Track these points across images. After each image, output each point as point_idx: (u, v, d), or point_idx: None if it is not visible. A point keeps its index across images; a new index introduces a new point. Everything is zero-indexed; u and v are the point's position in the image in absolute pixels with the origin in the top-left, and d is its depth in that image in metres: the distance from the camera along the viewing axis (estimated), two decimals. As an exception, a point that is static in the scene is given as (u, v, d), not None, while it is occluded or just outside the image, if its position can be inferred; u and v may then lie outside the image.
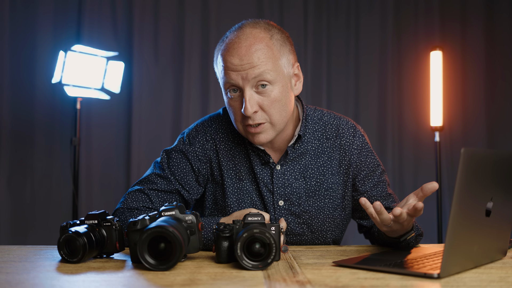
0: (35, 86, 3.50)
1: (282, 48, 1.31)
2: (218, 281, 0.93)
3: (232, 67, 1.27)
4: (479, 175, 0.97)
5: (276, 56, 1.29)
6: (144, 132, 3.61)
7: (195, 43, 3.69)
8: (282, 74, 1.30)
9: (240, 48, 1.26)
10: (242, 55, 1.26)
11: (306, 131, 1.42)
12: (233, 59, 1.26)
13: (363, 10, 3.88)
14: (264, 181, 1.40)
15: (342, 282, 0.92)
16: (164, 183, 1.41)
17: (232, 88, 1.29)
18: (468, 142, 3.86)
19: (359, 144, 1.44)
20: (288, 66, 1.33)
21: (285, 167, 1.41)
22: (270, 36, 1.29)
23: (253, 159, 1.41)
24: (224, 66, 1.29)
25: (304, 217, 1.42)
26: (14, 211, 3.47)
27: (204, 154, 1.43)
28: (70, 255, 1.07)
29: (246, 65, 1.25)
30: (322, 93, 3.81)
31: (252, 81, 1.26)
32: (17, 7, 3.49)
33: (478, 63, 3.90)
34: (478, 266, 1.05)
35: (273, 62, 1.27)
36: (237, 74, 1.26)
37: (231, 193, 1.41)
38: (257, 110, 1.28)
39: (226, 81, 1.29)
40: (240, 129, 1.34)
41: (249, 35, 1.28)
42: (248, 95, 1.26)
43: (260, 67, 1.25)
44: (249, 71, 1.25)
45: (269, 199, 1.40)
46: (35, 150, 3.51)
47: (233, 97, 1.30)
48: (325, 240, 1.45)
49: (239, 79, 1.26)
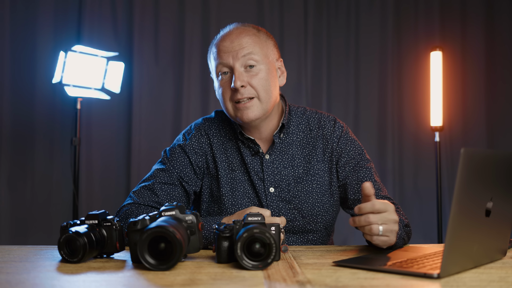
0: (35, 86, 3.50)
1: (267, 41, 1.50)
2: (218, 281, 0.93)
3: (224, 49, 1.45)
4: (479, 175, 0.97)
5: (262, 44, 1.47)
6: (144, 132, 3.62)
7: (195, 43, 3.69)
8: (268, 59, 1.47)
9: (231, 34, 1.47)
10: (233, 39, 1.45)
11: (290, 122, 1.55)
12: (225, 42, 1.46)
13: (363, 10, 3.88)
14: (255, 170, 1.51)
15: (342, 282, 0.92)
16: (166, 175, 1.51)
17: (224, 71, 1.45)
18: (468, 142, 3.86)
19: (338, 134, 1.55)
20: (273, 57, 1.50)
21: (273, 156, 1.52)
22: (256, 30, 1.50)
23: (244, 151, 1.52)
24: (217, 51, 1.47)
25: (294, 202, 1.50)
26: (14, 211, 3.47)
27: (200, 147, 1.55)
28: (71, 255, 1.07)
29: (236, 46, 1.44)
30: (322, 93, 3.81)
31: (242, 60, 1.43)
32: (17, 7, 3.49)
33: (478, 63, 3.90)
34: (478, 266, 1.05)
35: (259, 47, 1.45)
36: (228, 54, 1.44)
37: (225, 183, 1.51)
38: (246, 85, 1.42)
39: (218, 63, 1.46)
40: (229, 109, 1.46)
41: (239, 27, 1.49)
42: (238, 71, 1.42)
43: (248, 49, 1.44)
44: (238, 51, 1.43)
45: (260, 186, 1.50)
46: (35, 150, 3.51)
47: (224, 78, 1.46)
48: (316, 226, 1.51)
49: (230, 59, 1.43)
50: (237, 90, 1.42)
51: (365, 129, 3.82)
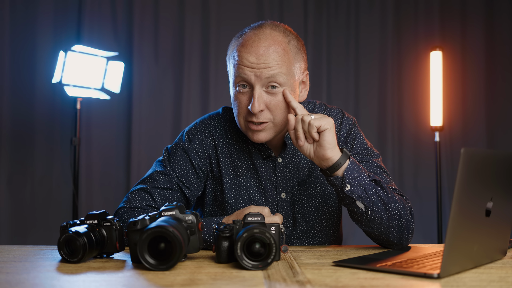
0: (35, 86, 3.50)
1: (297, 55, 1.34)
2: (218, 281, 0.93)
3: (247, 64, 1.29)
4: (479, 175, 0.97)
5: (291, 61, 1.32)
6: (144, 132, 3.62)
7: (195, 43, 3.69)
8: (293, 79, 1.33)
9: (259, 47, 1.29)
10: (259, 54, 1.28)
11: None
12: (250, 56, 1.29)
13: (363, 10, 3.88)
14: (267, 175, 1.44)
15: (342, 282, 0.92)
16: (165, 180, 1.43)
17: (242, 84, 1.32)
18: (468, 142, 3.86)
19: (345, 131, 1.47)
20: (300, 73, 1.36)
21: (286, 159, 1.45)
22: (288, 41, 1.33)
23: (254, 155, 1.44)
24: (238, 61, 1.31)
25: (297, 206, 1.45)
26: (14, 211, 3.47)
27: (204, 150, 1.46)
28: (70, 255, 1.07)
29: (262, 65, 1.28)
30: (322, 93, 3.81)
31: (264, 81, 1.29)
32: (17, 7, 3.49)
33: (478, 63, 3.90)
34: (478, 266, 1.05)
35: (287, 66, 1.31)
36: (251, 71, 1.29)
37: (228, 189, 1.44)
38: (264, 109, 1.30)
39: (238, 76, 1.31)
40: (241, 124, 1.36)
41: (269, 36, 1.31)
42: (258, 93, 1.29)
43: (274, 69, 1.28)
44: (263, 71, 1.28)
45: (272, 192, 1.44)
46: (35, 150, 3.51)
47: (242, 92, 1.33)
48: (321, 230, 1.47)
49: (252, 77, 1.29)
50: (253, 113, 1.30)
51: (365, 129, 3.81)
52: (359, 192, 1.23)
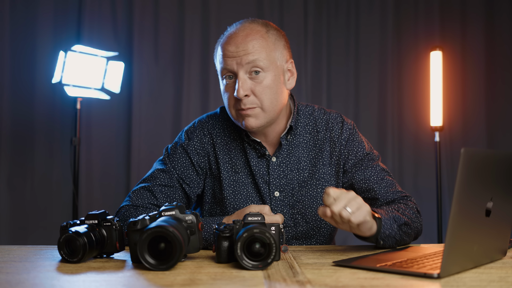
0: (35, 86, 3.50)
1: (277, 42, 1.40)
2: (218, 281, 0.93)
3: (228, 54, 1.36)
4: (479, 175, 0.97)
5: (270, 48, 1.38)
6: (144, 132, 3.62)
7: (195, 43, 3.69)
8: (275, 65, 1.38)
9: (237, 37, 1.37)
10: (238, 43, 1.36)
11: (298, 123, 1.49)
12: (230, 46, 1.36)
13: (363, 10, 3.88)
14: (260, 173, 1.46)
15: (342, 282, 0.92)
16: (166, 177, 1.46)
17: (228, 75, 1.38)
18: (468, 142, 3.86)
19: (346, 136, 1.50)
20: (282, 60, 1.41)
21: (280, 159, 1.47)
22: (266, 30, 1.39)
23: (249, 153, 1.47)
24: (222, 54, 1.39)
25: (297, 207, 1.46)
26: (14, 211, 3.47)
27: (202, 148, 1.49)
28: (70, 255, 1.07)
29: (241, 52, 1.35)
30: (322, 93, 3.81)
31: (246, 67, 1.35)
32: (17, 7, 3.49)
33: (478, 63, 3.90)
34: (478, 266, 1.05)
35: (266, 52, 1.36)
36: (233, 60, 1.35)
37: (227, 185, 1.47)
38: (249, 94, 1.35)
39: (223, 68, 1.38)
40: (232, 114, 1.41)
41: (247, 27, 1.39)
42: (242, 79, 1.35)
43: (254, 55, 1.35)
44: (243, 57, 1.34)
45: (265, 190, 1.46)
46: (35, 150, 3.51)
47: (228, 83, 1.39)
48: (319, 231, 1.49)
49: (234, 64, 1.35)
50: (240, 99, 1.35)
51: (365, 129, 3.82)
52: (390, 243, 1.29)
